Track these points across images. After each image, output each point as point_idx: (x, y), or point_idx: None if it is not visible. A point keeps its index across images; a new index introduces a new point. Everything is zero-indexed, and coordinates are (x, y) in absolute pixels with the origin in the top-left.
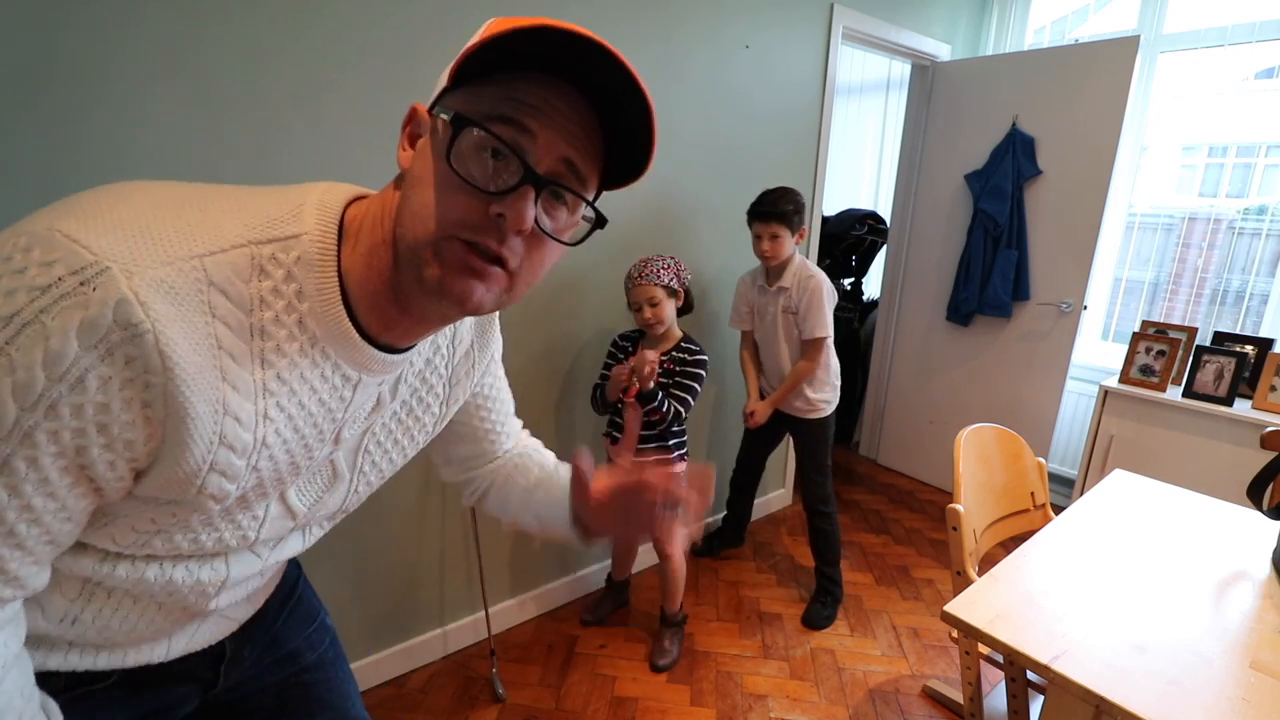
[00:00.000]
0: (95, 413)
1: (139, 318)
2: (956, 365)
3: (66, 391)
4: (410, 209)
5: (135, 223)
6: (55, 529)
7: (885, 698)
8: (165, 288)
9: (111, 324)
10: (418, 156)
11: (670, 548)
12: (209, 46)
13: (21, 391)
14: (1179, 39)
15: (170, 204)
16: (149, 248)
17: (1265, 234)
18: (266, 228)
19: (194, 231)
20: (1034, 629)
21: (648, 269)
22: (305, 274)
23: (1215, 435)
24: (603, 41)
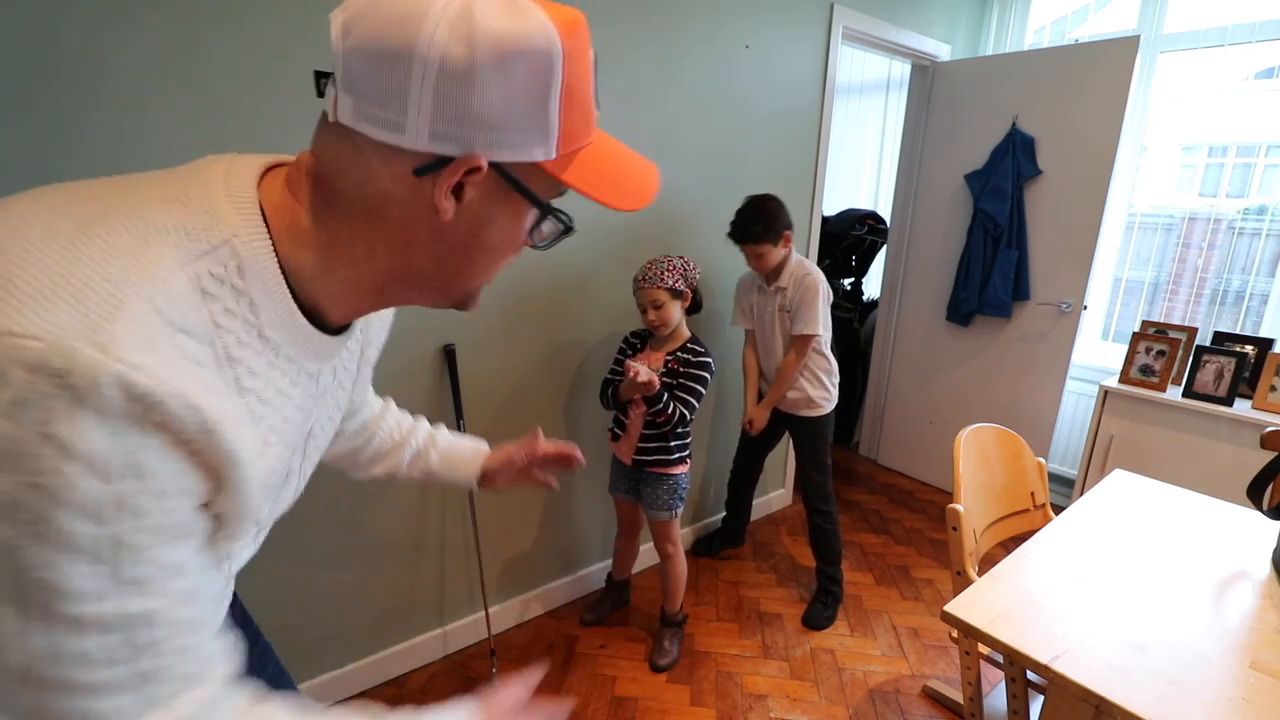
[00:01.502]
0: (164, 481)
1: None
2: (956, 365)
3: (126, 486)
4: (464, 265)
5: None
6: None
7: (885, 698)
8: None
9: (124, 400)
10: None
11: (670, 547)
12: (209, 49)
13: (85, 510)
14: (1179, 39)
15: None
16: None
17: (1265, 234)
18: (190, 242)
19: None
20: (1034, 629)
21: (651, 272)
22: (252, 283)
23: (1215, 435)
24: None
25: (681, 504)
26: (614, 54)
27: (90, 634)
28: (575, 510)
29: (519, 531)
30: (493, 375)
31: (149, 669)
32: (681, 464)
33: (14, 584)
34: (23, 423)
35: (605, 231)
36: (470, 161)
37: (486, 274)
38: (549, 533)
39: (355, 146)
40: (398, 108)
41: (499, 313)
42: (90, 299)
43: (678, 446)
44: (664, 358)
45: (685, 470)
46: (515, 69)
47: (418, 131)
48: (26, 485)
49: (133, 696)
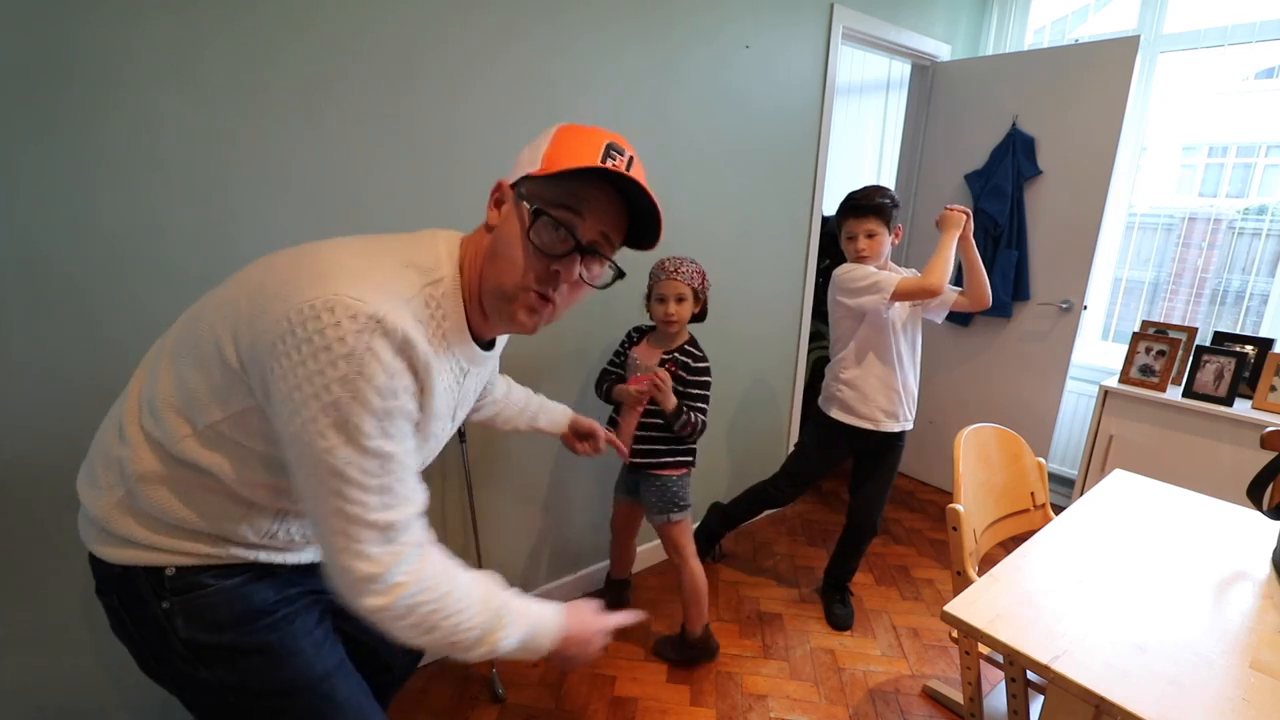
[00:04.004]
0: (406, 391)
1: (411, 335)
2: (956, 365)
3: (397, 382)
4: (497, 263)
5: (375, 279)
6: (414, 460)
7: (885, 698)
8: (408, 320)
9: (401, 340)
10: (504, 220)
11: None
12: (214, 54)
13: (379, 391)
14: (1179, 39)
15: (375, 265)
16: (390, 295)
17: (1265, 234)
18: (427, 276)
19: (400, 284)
20: (1034, 629)
21: (684, 266)
22: (449, 304)
23: (1215, 435)
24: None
25: (680, 510)
26: (614, 54)
27: (368, 456)
28: (575, 510)
29: (519, 531)
30: None
31: (388, 484)
32: (678, 467)
33: (337, 420)
34: (358, 341)
35: None
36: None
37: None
38: (549, 533)
39: None
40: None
41: None
42: (390, 294)
43: (672, 450)
44: (660, 355)
45: (684, 474)
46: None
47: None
48: (355, 372)
49: (378, 498)
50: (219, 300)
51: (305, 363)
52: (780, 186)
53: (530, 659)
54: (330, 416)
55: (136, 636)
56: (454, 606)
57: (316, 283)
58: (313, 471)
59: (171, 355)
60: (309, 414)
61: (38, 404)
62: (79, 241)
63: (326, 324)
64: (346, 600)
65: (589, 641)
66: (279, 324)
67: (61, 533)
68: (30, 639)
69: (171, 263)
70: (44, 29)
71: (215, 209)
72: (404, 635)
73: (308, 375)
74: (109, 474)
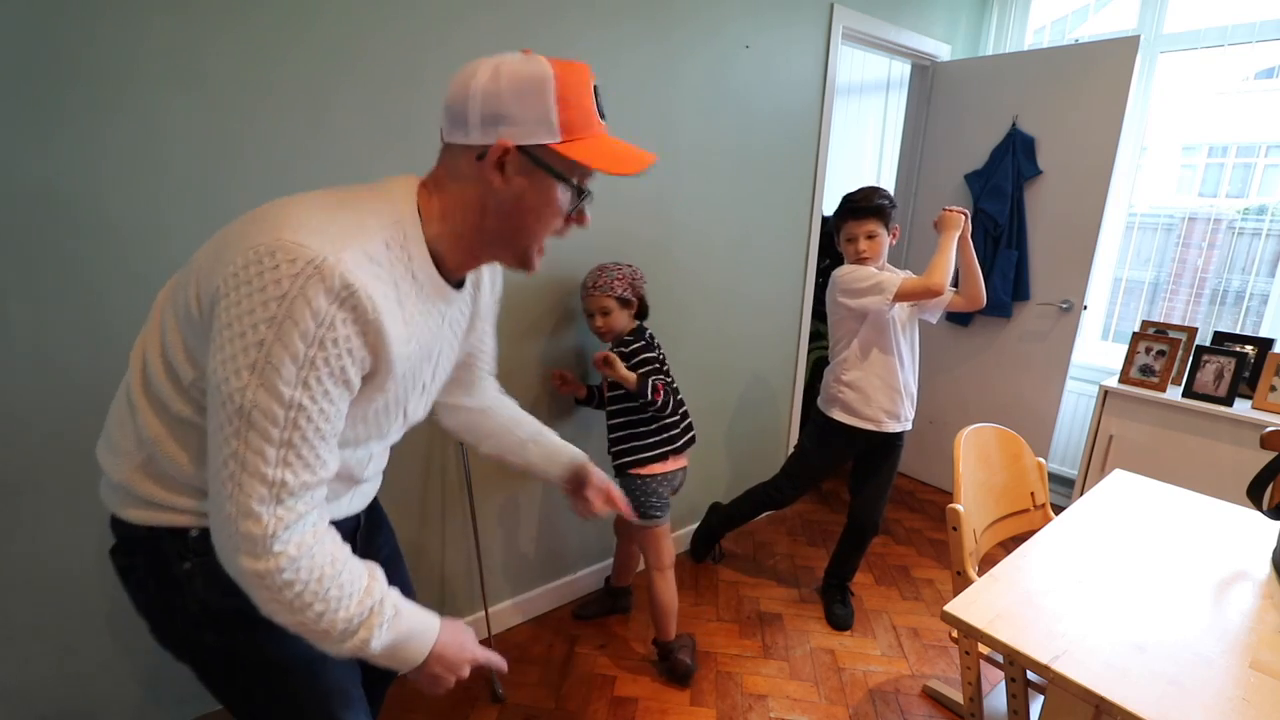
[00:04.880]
0: (344, 342)
1: (353, 281)
2: (956, 365)
3: (327, 332)
4: (513, 221)
5: (323, 227)
6: (337, 425)
7: (885, 698)
8: (356, 263)
9: (340, 287)
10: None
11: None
12: (219, 54)
13: (304, 336)
14: (1179, 39)
15: (330, 213)
16: (337, 241)
17: (1265, 234)
18: (386, 222)
19: (355, 229)
20: (1034, 629)
21: (601, 279)
22: (410, 244)
23: (1215, 435)
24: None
25: (657, 513)
26: (615, 54)
27: (278, 404)
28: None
29: (519, 531)
30: None
31: (292, 439)
32: (646, 464)
33: (256, 360)
34: (292, 285)
35: (605, 234)
36: (502, 144)
37: (534, 235)
38: (549, 533)
39: (450, 152)
40: (463, 120)
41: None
42: (336, 239)
43: (641, 446)
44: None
45: (655, 471)
46: (523, 87)
47: (472, 131)
48: (285, 314)
49: (277, 452)
50: (193, 260)
51: (239, 303)
52: (780, 186)
53: (395, 669)
54: (250, 356)
55: (155, 597)
56: (334, 592)
57: (266, 230)
58: (218, 412)
59: (159, 318)
60: (230, 352)
61: (38, 403)
62: (82, 240)
63: (266, 267)
64: (223, 559)
65: (456, 666)
66: (226, 269)
67: (61, 532)
68: (30, 639)
69: (175, 262)
70: (48, 29)
71: (219, 208)
72: (270, 608)
73: (238, 315)
74: (126, 440)
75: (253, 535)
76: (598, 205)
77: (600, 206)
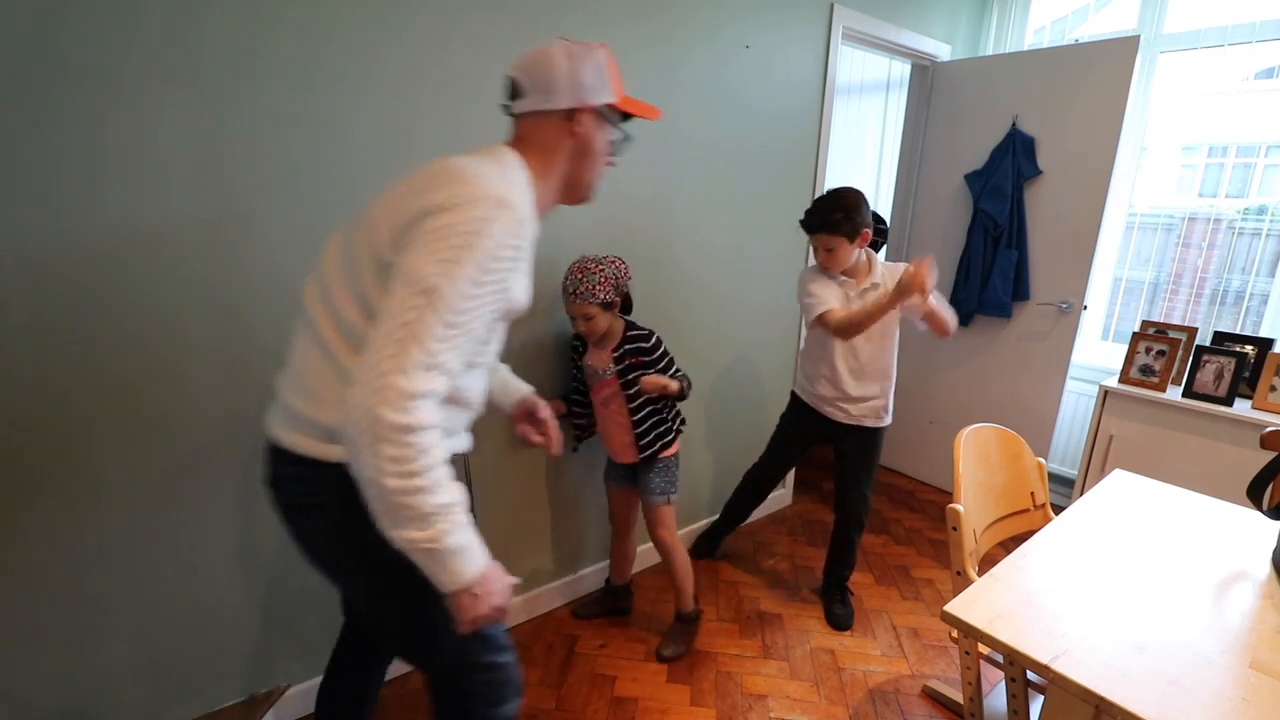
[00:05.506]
0: (514, 264)
1: (524, 218)
2: (956, 365)
3: (506, 252)
4: (586, 162)
5: (501, 178)
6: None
7: (885, 698)
8: (524, 206)
9: (516, 221)
10: (592, 132)
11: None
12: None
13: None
14: (1179, 39)
15: (497, 171)
16: (514, 190)
17: (1265, 234)
18: (522, 179)
19: (517, 184)
20: (1034, 629)
21: (583, 286)
22: (530, 192)
23: (1215, 435)
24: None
25: (676, 489)
26: (616, 54)
27: (456, 293)
28: (575, 510)
29: (519, 531)
30: None
31: (455, 326)
32: (676, 442)
33: (449, 258)
34: (486, 212)
35: (604, 227)
36: (588, 103)
37: (595, 173)
38: (549, 533)
39: (533, 117)
40: (551, 91)
41: None
42: (512, 188)
43: (671, 429)
44: (611, 355)
45: (676, 450)
46: (591, 62)
47: (559, 98)
48: (476, 231)
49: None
50: (362, 227)
51: (443, 222)
52: (780, 186)
53: (442, 579)
54: (444, 254)
55: (339, 526)
56: (436, 474)
57: (454, 180)
58: (402, 291)
59: (340, 278)
60: (429, 250)
61: (38, 402)
62: (80, 240)
63: (465, 199)
64: (356, 411)
65: (492, 597)
66: (425, 210)
67: (62, 531)
68: (30, 639)
69: (172, 261)
70: (46, 28)
71: (216, 208)
72: (377, 466)
73: (440, 226)
74: (326, 386)
75: (401, 389)
76: (598, 204)
77: (600, 205)
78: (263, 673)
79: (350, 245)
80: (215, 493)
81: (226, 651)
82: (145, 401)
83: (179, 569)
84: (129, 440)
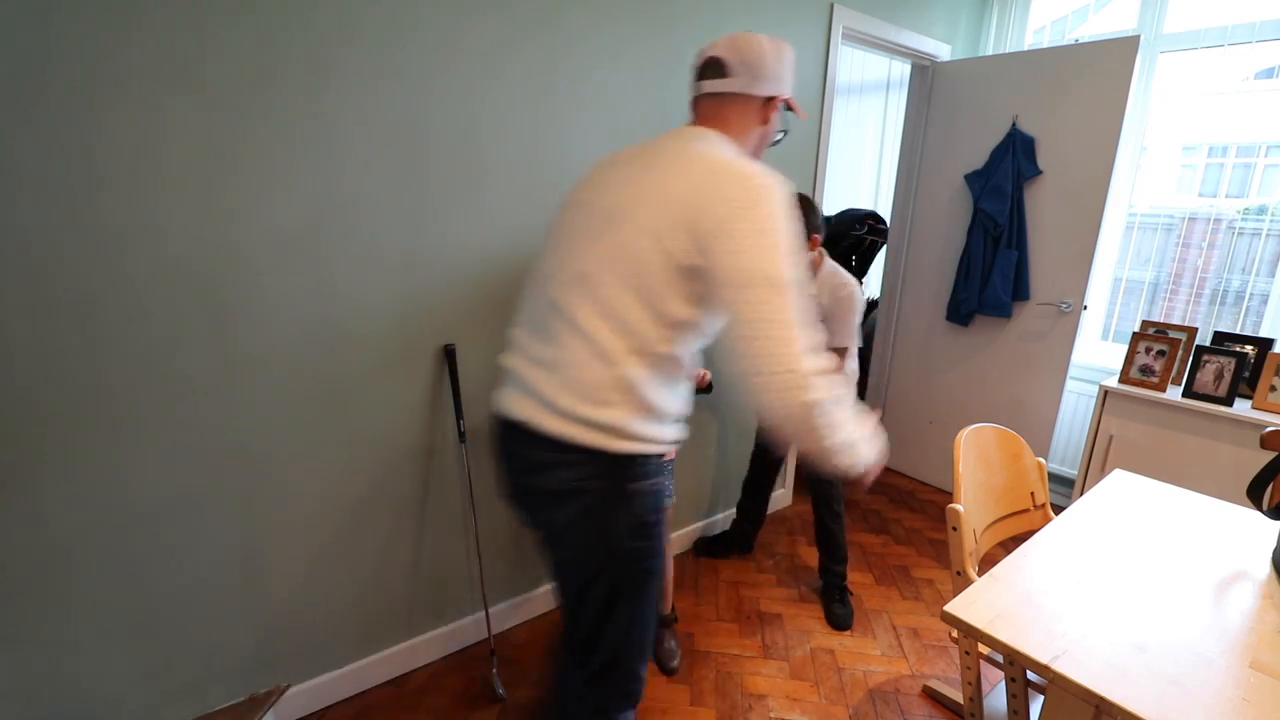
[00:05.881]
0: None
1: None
2: (956, 365)
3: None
4: (759, 153)
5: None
6: None
7: (885, 698)
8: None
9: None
10: (774, 125)
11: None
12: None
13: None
14: (1179, 39)
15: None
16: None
17: (1265, 234)
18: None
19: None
20: (1034, 629)
21: None
22: None
23: (1215, 435)
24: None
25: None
26: (616, 53)
27: (787, 276)
28: None
29: (519, 532)
30: (493, 375)
31: (800, 302)
32: None
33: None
34: (777, 197)
35: None
36: (781, 95)
37: (760, 160)
38: None
39: (738, 98)
40: (761, 77)
41: (500, 313)
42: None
43: None
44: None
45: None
46: (787, 59)
47: (766, 85)
48: (779, 216)
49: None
50: (628, 228)
51: (748, 216)
52: None
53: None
54: (765, 243)
55: (599, 512)
56: (848, 415)
57: (736, 172)
58: (745, 291)
59: (614, 280)
60: (751, 244)
61: (37, 402)
62: (79, 240)
63: (753, 187)
64: (772, 404)
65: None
66: (724, 203)
67: (61, 530)
68: (30, 638)
69: (172, 261)
70: (45, 28)
71: (215, 208)
72: (813, 434)
73: (749, 221)
74: (607, 390)
75: (805, 371)
76: None
77: None
78: (263, 673)
79: (620, 246)
80: (215, 492)
81: (226, 651)
82: (145, 401)
83: (179, 568)
84: (129, 439)
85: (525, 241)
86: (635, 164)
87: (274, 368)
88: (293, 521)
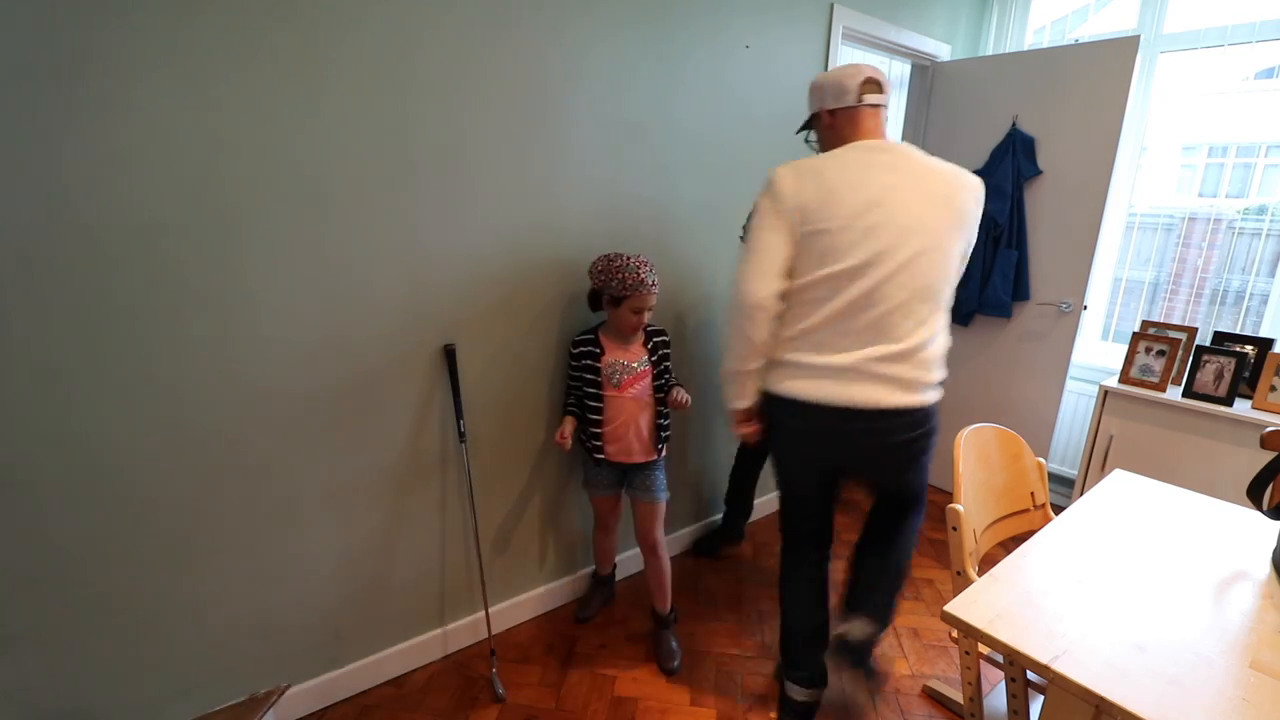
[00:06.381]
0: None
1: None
2: (956, 365)
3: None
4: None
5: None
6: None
7: (885, 698)
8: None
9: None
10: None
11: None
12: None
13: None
14: (1179, 39)
15: None
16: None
17: (1265, 234)
18: None
19: None
20: (1034, 629)
21: (654, 277)
22: None
23: (1215, 435)
24: None
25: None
26: (616, 53)
27: None
28: (575, 510)
29: (519, 531)
30: (493, 375)
31: None
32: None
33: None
34: None
35: (606, 225)
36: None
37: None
38: (549, 533)
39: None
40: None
41: (500, 313)
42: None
43: (663, 433)
44: (643, 350)
45: None
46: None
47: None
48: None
49: None
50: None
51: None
52: None
53: None
54: None
55: (927, 444)
56: None
57: (960, 172)
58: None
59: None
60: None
61: (37, 402)
62: (78, 239)
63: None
64: None
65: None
66: (974, 194)
67: (62, 530)
68: (30, 639)
69: (171, 261)
70: (44, 28)
71: (214, 207)
72: None
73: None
74: (938, 367)
75: None
76: (600, 202)
77: (602, 203)
78: (263, 673)
79: (931, 250)
80: (215, 492)
81: (227, 651)
82: (145, 400)
83: (178, 568)
84: (128, 439)
85: (524, 241)
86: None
87: (274, 368)
88: (293, 521)
